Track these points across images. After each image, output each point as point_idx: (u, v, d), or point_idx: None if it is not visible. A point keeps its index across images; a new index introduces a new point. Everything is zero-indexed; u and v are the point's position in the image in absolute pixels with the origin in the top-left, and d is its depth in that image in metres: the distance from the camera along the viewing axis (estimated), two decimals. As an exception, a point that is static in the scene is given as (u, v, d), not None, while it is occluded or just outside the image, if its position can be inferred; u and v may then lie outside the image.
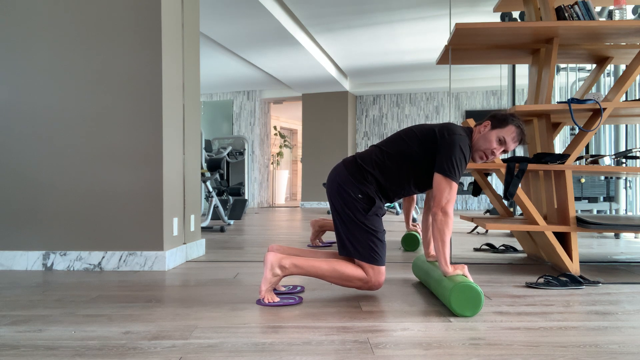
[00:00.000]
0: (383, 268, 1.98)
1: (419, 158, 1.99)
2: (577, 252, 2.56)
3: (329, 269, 1.95)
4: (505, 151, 2.05)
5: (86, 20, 2.70)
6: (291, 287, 2.20)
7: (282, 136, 11.62)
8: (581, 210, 4.64)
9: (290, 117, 12.71)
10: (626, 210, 4.68)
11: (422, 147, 1.99)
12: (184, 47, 3.05)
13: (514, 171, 2.57)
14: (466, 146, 1.96)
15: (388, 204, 8.65)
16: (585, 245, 3.88)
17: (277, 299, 1.92)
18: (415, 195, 3.70)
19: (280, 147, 11.65)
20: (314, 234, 3.79)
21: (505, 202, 4.83)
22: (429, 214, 2.28)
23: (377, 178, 2.00)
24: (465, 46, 2.98)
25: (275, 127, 11.37)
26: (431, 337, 1.51)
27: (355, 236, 1.98)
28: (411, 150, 2.00)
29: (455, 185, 1.89)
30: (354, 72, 8.85)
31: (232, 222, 5.63)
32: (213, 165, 5.64)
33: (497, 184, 8.69)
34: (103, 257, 2.67)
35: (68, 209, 2.70)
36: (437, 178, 1.92)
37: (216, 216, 5.99)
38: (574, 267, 2.53)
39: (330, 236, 4.47)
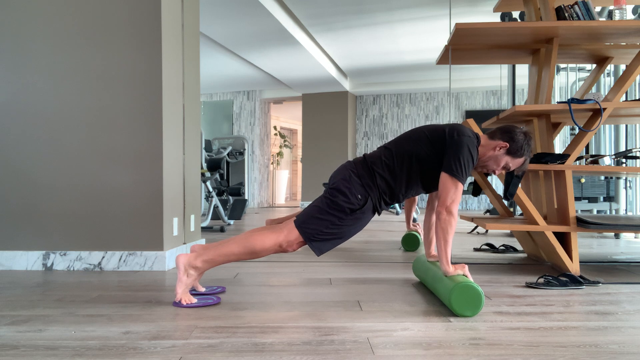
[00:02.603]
0: (301, 239, 1.92)
1: (428, 158, 1.98)
2: (577, 252, 2.56)
3: (240, 250, 1.90)
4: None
5: (86, 20, 2.70)
6: (214, 287, 2.17)
7: (282, 136, 11.61)
8: (581, 210, 4.64)
9: (290, 117, 12.71)
10: (626, 210, 4.68)
11: (431, 147, 1.98)
12: (184, 47, 3.05)
13: (514, 171, 2.57)
14: (474, 148, 1.96)
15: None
16: (585, 245, 3.88)
17: (194, 300, 1.91)
18: (416, 196, 3.70)
19: (280, 147, 11.65)
20: None
21: (505, 202, 4.83)
22: (431, 213, 2.27)
23: (387, 179, 1.98)
24: (465, 46, 2.98)
25: (275, 127, 11.37)
26: (431, 337, 1.51)
27: (319, 209, 1.93)
28: (420, 151, 1.99)
29: (460, 186, 1.89)
30: (354, 72, 8.85)
31: (232, 222, 5.63)
32: (213, 165, 5.64)
33: (497, 184, 8.69)
34: (103, 257, 2.67)
35: (68, 209, 2.70)
36: (444, 177, 1.91)
37: (216, 216, 5.99)
38: (574, 267, 2.53)
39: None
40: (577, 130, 4.03)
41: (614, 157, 3.63)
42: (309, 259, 3.11)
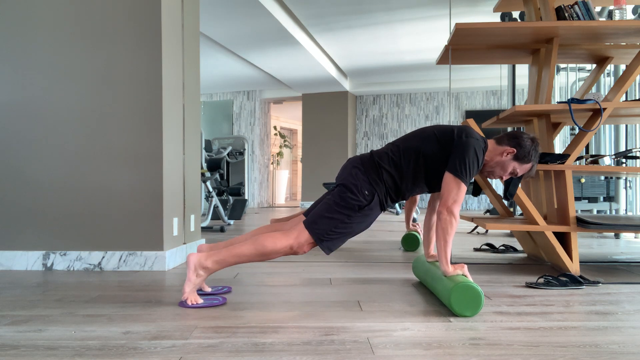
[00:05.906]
0: (311, 240, 1.91)
1: (435, 157, 1.98)
2: (577, 252, 2.56)
3: (251, 252, 1.88)
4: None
5: (86, 20, 2.70)
6: (219, 287, 2.18)
7: (282, 136, 11.61)
8: (581, 210, 4.63)
9: (290, 117, 12.71)
10: (626, 210, 4.68)
11: (439, 146, 1.98)
12: (184, 47, 3.05)
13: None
14: (481, 152, 1.96)
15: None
16: (585, 245, 3.88)
17: (200, 301, 1.90)
18: (417, 196, 3.70)
19: (280, 147, 11.65)
20: None
21: (505, 202, 4.83)
22: (432, 213, 2.27)
23: (393, 175, 1.98)
24: (465, 46, 2.98)
25: (275, 127, 11.36)
26: (431, 337, 1.51)
27: (328, 208, 1.92)
28: (427, 149, 1.99)
29: (464, 187, 1.89)
30: (354, 72, 8.85)
31: (232, 222, 5.63)
32: (213, 165, 5.64)
33: (497, 184, 8.69)
34: (103, 257, 2.67)
35: (68, 209, 2.70)
36: (447, 177, 1.91)
37: (216, 216, 5.99)
38: (574, 267, 2.53)
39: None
40: (577, 130, 4.02)
41: (614, 157, 3.63)
42: (309, 259, 3.10)
